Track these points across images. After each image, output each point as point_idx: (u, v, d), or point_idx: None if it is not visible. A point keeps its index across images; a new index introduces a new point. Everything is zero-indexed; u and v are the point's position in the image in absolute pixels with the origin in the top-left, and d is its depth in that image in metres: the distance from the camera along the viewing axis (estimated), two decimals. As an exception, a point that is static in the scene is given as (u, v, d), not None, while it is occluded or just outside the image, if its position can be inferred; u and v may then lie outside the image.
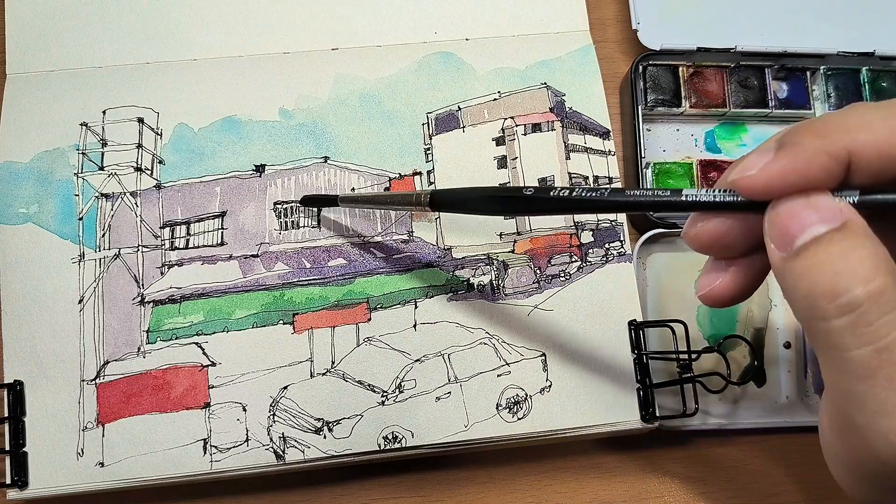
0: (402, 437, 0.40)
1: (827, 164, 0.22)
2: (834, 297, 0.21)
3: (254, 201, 0.43)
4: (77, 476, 0.39)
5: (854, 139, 0.22)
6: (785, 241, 0.22)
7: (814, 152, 0.22)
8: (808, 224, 0.22)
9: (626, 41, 0.50)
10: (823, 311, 0.21)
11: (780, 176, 0.22)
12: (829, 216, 0.22)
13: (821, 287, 0.21)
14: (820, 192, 0.22)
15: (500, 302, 0.42)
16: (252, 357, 0.41)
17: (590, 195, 0.25)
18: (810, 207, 0.22)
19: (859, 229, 0.22)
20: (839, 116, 0.22)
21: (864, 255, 0.21)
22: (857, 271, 0.21)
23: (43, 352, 0.40)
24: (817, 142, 0.22)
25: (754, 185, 0.22)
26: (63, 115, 0.43)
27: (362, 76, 0.45)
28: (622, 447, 0.43)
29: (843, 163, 0.22)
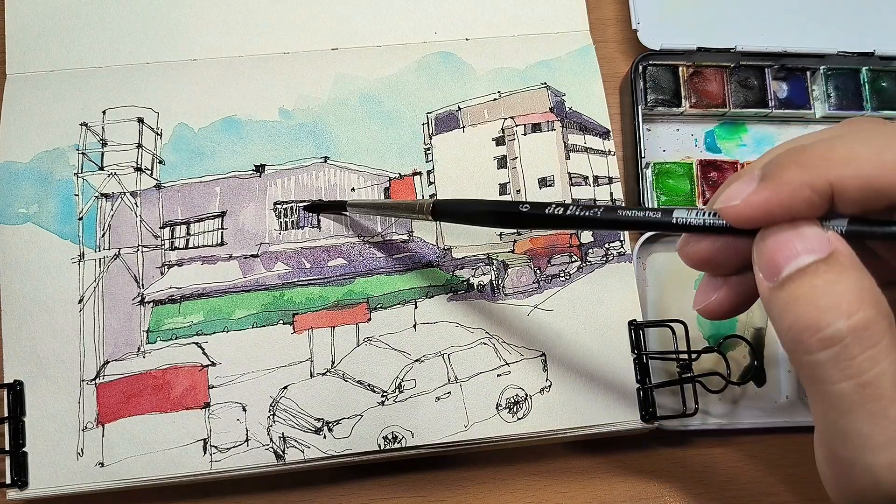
0: (402, 437, 0.40)
1: (809, 197, 0.21)
2: (817, 330, 0.21)
3: (254, 201, 0.43)
4: (77, 476, 0.39)
5: (838, 173, 0.21)
6: (771, 272, 0.22)
7: (796, 185, 0.21)
8: (793, 255, 0.22)
9: (626, 41, 0.50)
10: (807, 344, 0.21)
11: (763, 207, 0.22)
12: (816, 246, 0.22)
13: (804, 320, 0.21)
14: (807, 222, 0.22)
15: (500, 302, 0.42)
16: (252, 357, 0.41)
17: (583, 213, 0.25)
18: (797, 238, 0.22)
19: (846, 259, 0.22)
20: (824, 148, 0.22)
21: (848, 287, 0.21)
22: (840, 304, 0.21)
23: (43, 352, 0.40)
24: (800, 174, 0.21)
25: (738, 214, 0.22)
26: (63, 115, 0.43)
27: (362, 76, 0.45)
28: (622, 447, 0.43)
29: (826, 196, 0.21)
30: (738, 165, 0.46)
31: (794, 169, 0.22)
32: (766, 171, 0.22)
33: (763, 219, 0.22)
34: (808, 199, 0.21)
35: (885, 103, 0.47)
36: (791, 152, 0.22)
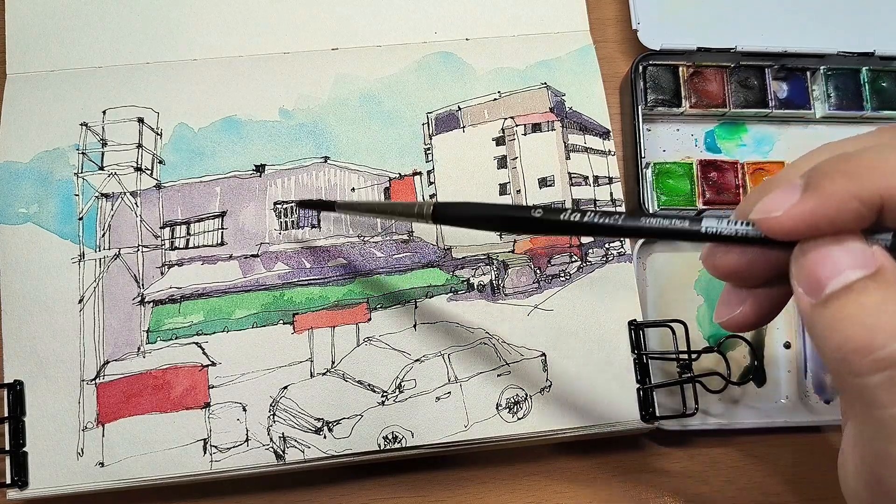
0: (402, 437, 0.40)
1: (858, 209, 0.20)
2: (868, 352, 0.20)
3: (254, 201, 0.43)
4: (77, 476, 0.39)
5: (890, 184, 0.20)
6: (814, 287, 0.21)
7: (844, 196, 0.20)
8: (838, 270, 0.21)
9: (626, 41, 0.50)
10: (857, 366, 0.20)
11: (808, 220, 0.21)
12: (862, 262, 0.20)
13: (854, 341, 0.20)
14: (851, 235, 0.21)
15: (500, 302, 0.42)
16: (252, 357, 0.41)
17: (603, 221, 0.23)
18: (842, 252, 0.21)
19: (893, 276, 0.20)
20: (872, 157, 0.21)
21: None
22: (893, 324, 0.20)
23: (43, 352, 0.40)
24: (848, 185, 0.20)
25: (780, 226, 0.21)
26: (63, 115, 0.43)
27: (362, 76, 0.45)
28: (622, 447, 0.43)
29: (876, 208, 0.20)
30: (738, 165, 0.46)
31: (842, 179, 0.20)
32: (811, 180, 0.21)
33: (807, 231, 0.21)
34: (857, 211, 0.20)
35: (885, 103, 0.47)
36: (837, 160, 0.21)
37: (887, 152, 0.21)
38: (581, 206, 0.23)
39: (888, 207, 0.20)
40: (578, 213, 0.24)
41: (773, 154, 0.48)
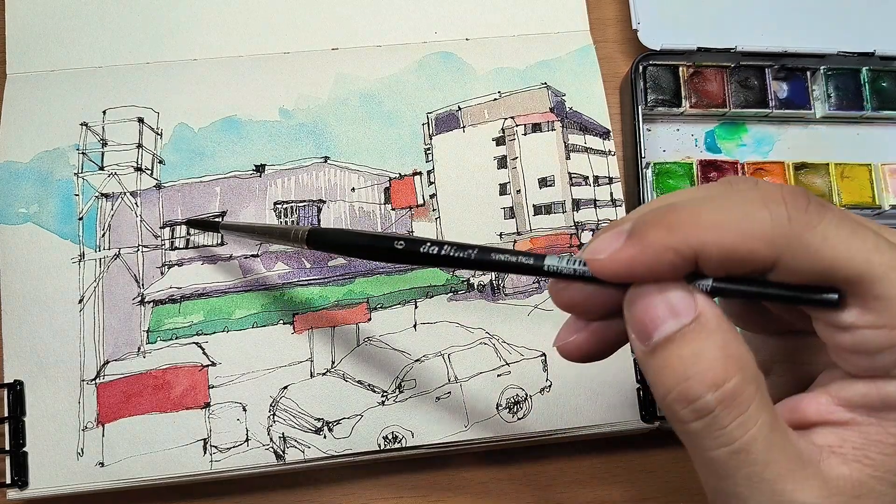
0: (402, 437, 0.40)
1: (673, 260, 0.21)
2: (687, 402, 0.21)
3: (254, 201, 0.43)
4: (77, 476, 0.39)
5: (701, 240, 0.21)
6: (642, 335, 0.22)
7: (661, 248, 0.21)
8: (660, 320, 0.22)
9: (626, 41, 0.50)
10: (680, 415, 0.22)
11: (627, 266, 0.22)
12: (682, 310, 0.21)
13: (675, 392, 0.21)
14: (674, 283, 0.22)
15: (500, 302, 0.42)
16: (252, 357, 0.41)
17: (457, 254, 0.25)
18: (662, 301, 0.22)
19: (711, 323, 0.21)
20: (691, 210, 0.21)
21: (715, 355, 0.21)
22: (707, 375, 0.21)
23: (43, 352, 0.40)
24: (665, 237, 0.21)
25: (603, 269, 0.22)
26: (63, 115, 0.43)
27: (362, 76, 0.45)
28: (622, 447, 0.43)
29: (690, 260, 0.21)
30: (738, 165, 0.46)
31: (661, 230, 0.21)
32: (634, 229, 0.22)
33: (628, 277, 0.22)
34: (672, 262, 0.21)
35: (885, 103, 0.47)
36: (660, 212, 0.22)
37: (708, 206, 0.22)
38: (442, 241, 0.25)
39: (701, 259, 0.21)
40: (436, 245, 0.25)
41: (773, 154, 0.48)
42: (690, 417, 0.21)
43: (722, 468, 0.22)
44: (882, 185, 0.46)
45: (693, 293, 0.22)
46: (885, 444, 0.21)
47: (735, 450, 0.21)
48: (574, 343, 0.26)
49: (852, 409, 0.22)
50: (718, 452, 0.21)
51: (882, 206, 0.46)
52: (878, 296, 0.20)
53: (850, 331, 0.21)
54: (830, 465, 0.22)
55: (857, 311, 0.21)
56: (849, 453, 0.22)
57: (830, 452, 0.22)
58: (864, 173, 0.46)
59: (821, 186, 0.46)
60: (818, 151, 0.48)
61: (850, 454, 0.22)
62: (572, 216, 0.44)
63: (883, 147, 0.48)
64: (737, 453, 0.21)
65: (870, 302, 0.21)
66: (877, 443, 0.22)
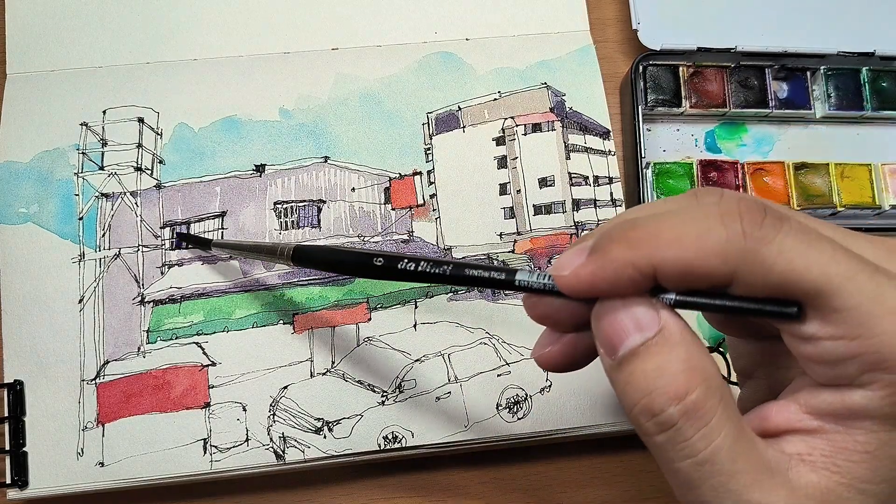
0: (402, 437, 0.40)
1: (633, 275, 0.21)
2: (651, 415, 0.21)
3: (254, 201, 0.43)
4: (77, 476, 0.39)
5: (661, 255, 0.21)
6: (609, 349, 0.22)
7: (620, 263, 0.21)
8: (625, 334, 0.22)
9: (626, 41, 0.50)
10: (644, 427, 0.22)
11: (589, 282, 0.22)
12: (645, 324, 0.22)
13: (640, 405, 0.22)
14: (637, 298, 0.22)
15: (500, 302, 0.42)
16: (252, 357, 0.41)
17: (433, 270, 0.26)
18: (626, 316, 0.22)
19: (674, 336, 0.22)
20: (651, 227, 0.22)
21: (677, 368, 0.21)
22: (669, 388, 0.21)
23: (43, 352, 0.40)
24: (625, 253, 0.21)
25: (567, 285, 0.22)
26: (63, 115, 0.43)
27: (362, 76, 0.45)
28: (622, 447, 0.43)
29: (649, 276, 0.21)
30: (739, 165, 0.46)
31: (621, 246, 0.22)
32: (596, 245, 0.22)
33: (590, 292, 0.22)
34: (632, 277, 0.21)
35: (885, 103, 0.47)
36: (621, 227, 0.22)
37: (665, 223, 0.22)
38: (419, 257, 0.26)
39: (660, 275, 0.21)
40: (413, 262, 0.26)
41: (773, 154, 0.48)
42: (655, 430, 0.22)
43: (688, 480, 0.22)
44: (882, 185, 0.46)
45: (657, 307, 0.22)
46: (853, 451, 0.22)
47: (699, 461, 0.21)
48: (549, 354, 0.26)
49: (820, 417, 0.22)
50: (683, 464, 0.21)
51: (882, 206, 0.46)
52: (836, 308, 0.20)
53: (813, 342, 0.21)
54: (799, 473, 0.22)
55: (818, 322, 0.21)
56: (818, 461, 0.22)
57: (799, 460, 0.22)
58: (864, 173, 0.46)
59: (821, 186, 0.46)
60: (818, 151, 0.48)
61: (818, 462, 0.22)
62: (572, 216, 0.44)
63: (883, 147, 0.48)
64: (701, 465, 0.21)
65: (829, 314, 0.21)
66: (844, 450, 0.22)
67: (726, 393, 0.22)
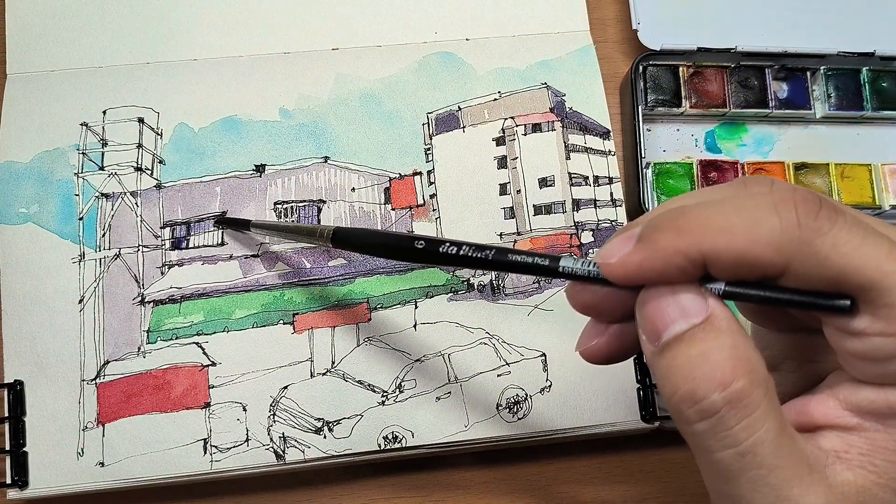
0: (402, 437, 0.40)
1: (682, 264, 0.21)
2: (693, 402, 0.21)
3: (254, 201, 0.43)
4: (77, 476, 0.39)
5: (711, 243, 0.21)
6: (652, 335, 0.22)
7: (670, 252, 0.21)
8: (670, 320, 0.22)
9: (626, 41, 0.50)
10: (685, 415, 0.21)
11: (637, 270, 0.22)
12: (692, 311, 0.21)
13: (682, 391, 0.21)
14: (685, 285, 0.22)
15: (500, 302, 0.42)
16: (252, 357, 0.41)
17: (475, 254, 0.25)
18: (673, 302, 0.22)
19: (722, 324, 0.21)
20: (701, 214, 0.21)
21: (723, 356, 0.21)
22: (714, 375, 0.21)
23: (43, 352, 0.40)
24: (674, 241, 0.21)
25: (614, 273, 0.22)
26: (63, 115, 0.43)
27: (362, 76, 0.45)
28: (622, 447, 0.43)
29: (699, 264, 0.21)
30: (739, 165, 0.46)
31: (670, 234, 0.21)
32: (644, 233, 0.22)
33: (638, 280, 0.22)
34: (681, 266, 0.21)
35: (885, 103, 0.47)
36: (670, 214, 0.22)
37: (716, 211, 0.21)
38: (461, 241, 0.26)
39: (710, 264, 0.21)
40: (455, 246, 0.26)
41: (773, 154, 0.48)
42: (696, 417, 0.21)
43: (727, 470, 0.21)
44: (882, 185, 0.46)
45: (704, 295, 0.22)
46: (891, 451, 0.21)
47: (741, 452, 0.21)
48: (595, 347, 0.26)
49: (859, 415, 0.22)
50: (723, 454, 0.21)
51: (882, 206, 0.46)
52: (889, 304, 0.20)
53: (861, 338, 0.21)
54: (835, 471, 0.22)
55: (869, 318, 0.21)
56: (854, 459, 0.22)
57: (836, 457, 0.22)
58: (864, 173, 0.46)
59: (821, 186, 0.46)
60: (818, 151, 0.48)
61: (855, 460, 0.22)
62: (572, 216, 0.44)
63: (883, 147, 0.48)
64: (742, 456, 0.21)
65: (881, 310, 0.20)
66: (882, 449, 0.22)
67: (770, 386, 0.21)
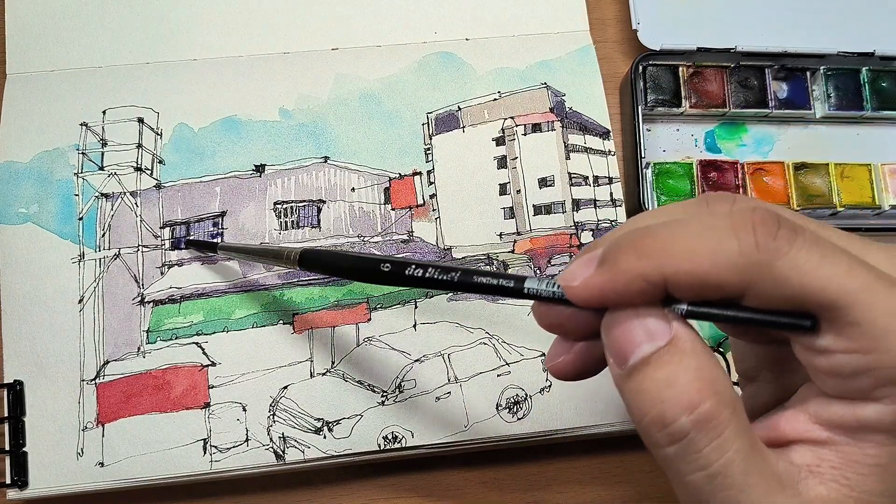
0: (402, 437, 0.40)
1: (643, 287, 0.21)
2: (662, 426, 0.21)
3: (254, 201, 0.43)
4: (77, 476, 0.39)
5: (672, 266, 0.21)
6: (619, 359, 0.22)
7: (631, 275, 0.21)
8: (635, 343, 0.21)
9: (626, 41, 0.50)
10: (655, 438, 0.21)
11: (599, 293, 0.22)
12: (657, 334, 0.21)
13: (651, 415, 0.21)
14: (648, 308, 0.22)
15: (500, 302, 0.42)
16: (252, 357, 0.41)
17: (441, 277, 0.25)
18: (638, 325, 0.22)
19: (686, 345, 0.21)
20: (661, 236, 0.21)
21: (689, 378, 0.21)
22: (681, 398, 0.21)
23: (43, 352, 0.40)
24: (636, 264, 0.21)
25: (576, 296, 0.22)
26: (63, 115, 0.43)
27: (362, 76, 0.45)
28: (622, 447, 0.43)
29: (661, 287, 0.21)
30: (738, 165, 0.46)
31: (631, 257, 0.21)
32: (605, 255, 0.22)
33: (601, 303, 0.22)
34: (642, 288, 0.21)
35: (885, 103, 0.47)
36: (631, 236, 0.22)
37: (676, 231, 0.21)
38: (427, 263, 0.26)
39: (672, 286, 0.21)
40: (420, 268, 0.26)
41: (773, 154, 0.48)
42: (666, 441, 0.21)
43: (699, 493, 0.21)
44: (882, 185, 0.46)
45: (668, 317, 0.22)
46: (862, 464, 0.21)
47: (711, 474, 0.21)
48: (562, 363, 0.26)
49: (830, 429, 0.22)
50: (694, 477, 0.21)
51: (882, 206, 0.46)
52: (851, 321, 0.20)
53: (826, 355, 0.21)
54: (808, 486, 0.22)
55: (832, 336, 0.21)
56: (826, 473, 0.22)
57: (808, 472, 0.22)
58: (864, 173, 0.46)
59: (820, 186, 0.46)
60: (818, 151, 0.48)
61: (827, 473, 0.22)
62: (572, 216, 0.44)
63: (883, 147, 0.48)
64: (713, 477, 0.21)
65: (844, 327, 0.20)
66: (854, 463, 0.21)
67: (738, 405, 0.21)
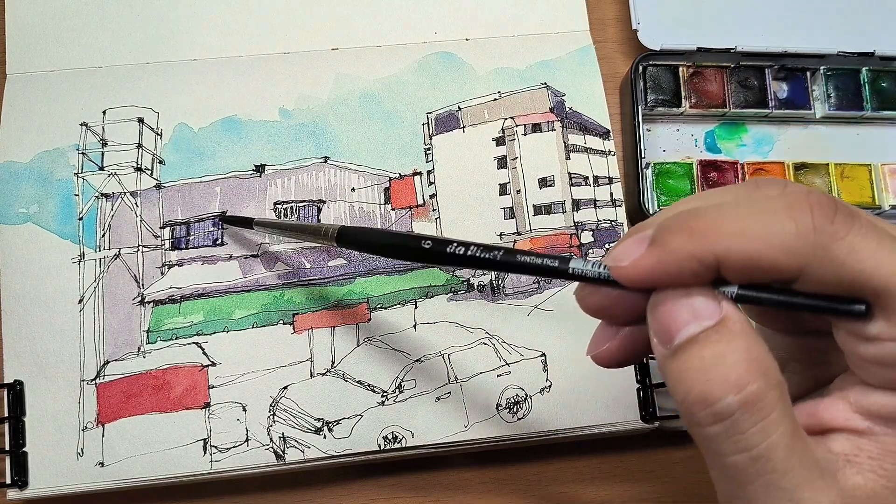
0: (402, 437, 0.40)
1: (695, 268, 0.21)
2: (707, 404, 0.21)
3: (254, 201, 0.43)
4: (77, 476, 0.39)
5: (724, 248, 0.20)
6: (664, 338, 0.22)
7: (682, 255, 0.21)
8: (683, 322, 0.21)
9: (626, 41, 0.50)
10: (698, 417, 0.21)
11: (649, 273, 0.21)
12: (706, 313, 0.21)
13: (695, 394, 0.21)
14: (698, 288, 0.21)
15: (500, 302, 0.42)
16: (252, 357, 0.41)
17: (483, 255, 0.25)
18: (686, 305, 0.21)
19: (736, 326, 0.21)
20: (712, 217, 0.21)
21: (738, 359, 0.21)
22: (729, 378, 0.20)
23: (43, 352, 0.40)
24: (687, 244, 0.21)
25: (625, 276, 0.22)
26: (63, 115, 0.43)
27: (362, 76, 0.45)
28: (622, 447, 0.43)
29: (712, 267, 0.21)
30: (738, 165, 0.46)
31: (682, 237, 0.21)
32: (656, 235, 0.22)
33: (650, 283, 0.22)
34: (694, 269, 0.21)
35: (885, 103, 0.47)
36: (682, 217, 0.22)
37: (728, 212, 0.21)
38: (469, 242, 0.25)
39: (724, 267, 0.21)
40: (462, 246, 0.25)
41: (773, 154, 0.48)
42: (709, 420, 0.21)
43: (740, 474, 0.21)
44: (882, 185, 0.46)
45: (718, 298, 0.21)
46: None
47: (754, 456, 0.21)
48: (607, 351, 0.26)
49: (870, 419, 0.22)
50: (737, 458, 0.21)
51: (882, 207, 0.46)
52: None
53: (875, 343, 0.21)
54: (846, 475, 0.21)
55: (883, 323, 0.20)
56: (864, 463, 0.22)
57: (846, 461, 0.22)
58: (863, 173, 0.46)
59: (821, 186, 0.46)
60: (818, 151, 0.48)
61: (865, 464, 0.22)
62: (572, 216, 0.44)
63: (883, 147, 0.48)
64: (756, 460, 0.21)
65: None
66: (892, 454, 0.21)
67: (784, 389, 0.21)
